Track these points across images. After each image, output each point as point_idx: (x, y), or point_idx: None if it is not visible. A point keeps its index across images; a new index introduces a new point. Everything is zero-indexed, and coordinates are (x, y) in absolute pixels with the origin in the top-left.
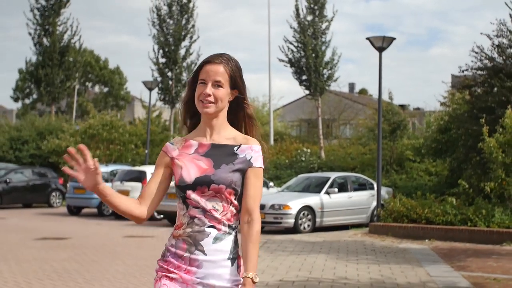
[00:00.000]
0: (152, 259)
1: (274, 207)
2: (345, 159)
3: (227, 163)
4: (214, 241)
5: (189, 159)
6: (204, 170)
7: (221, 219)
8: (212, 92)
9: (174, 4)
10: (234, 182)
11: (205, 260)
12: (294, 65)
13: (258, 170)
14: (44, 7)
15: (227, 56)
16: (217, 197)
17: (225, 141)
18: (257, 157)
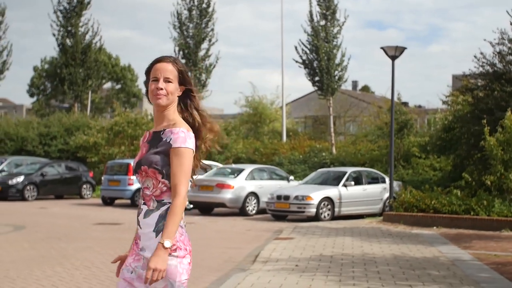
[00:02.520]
0: (200, 240)
1: (298, 198)
2: (355, 155)
3: (153, 147)
4: (144, 216)
5: (142, 146)
6: (141, 155)
7: (150, 195)
8: (164, 87)
9: (194, 8)
10: (154, 162)
11: (142, 232)
12: (307, 66)
13: (177, 149)
14: (67, 9)
15: (173, 57)
16: (148, 177)
17: (161, 128)
18: (176, 138)
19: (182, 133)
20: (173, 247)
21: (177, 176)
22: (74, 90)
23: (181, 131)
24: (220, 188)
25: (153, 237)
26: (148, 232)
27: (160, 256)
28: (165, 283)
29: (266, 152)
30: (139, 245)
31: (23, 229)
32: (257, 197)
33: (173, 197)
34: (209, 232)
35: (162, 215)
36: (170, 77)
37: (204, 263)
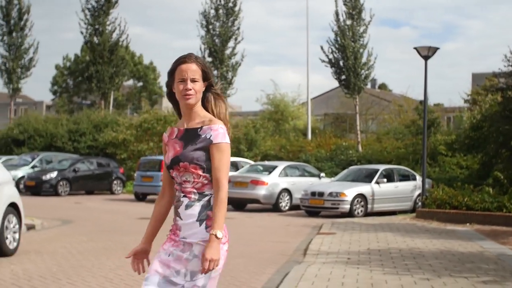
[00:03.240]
0: (247, 234)
1: (332, 195)
2: (381, 152)
3: (191, 144)
4: (186, 208)
5: (171, 143)
6: (177, 151)
7: (191, 189)
8: (192, 87)
9: (220, 7)
10: (195, 158)
11: (183, 223)
12: (334, 65)
13: (219, 145)
14: (94, 7)
15: (195, 55)
16: (188, 172)
17: (195, 125)
18: (217, 134)
19: (222, 129)
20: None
21: (220, 170)
22: (101, 88)
23: (220, 127)
24: (254, 184)
25: (197, 226)
26: (191, 222)
27: (214, 247)
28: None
29: (292, 150)
30: (179, 235)
31: (71, 223)
32: (290, 194)
33: (217, 190)
34: (251, 227)
35: (204, 205)
36: (196, 77)
37: (260, 256)
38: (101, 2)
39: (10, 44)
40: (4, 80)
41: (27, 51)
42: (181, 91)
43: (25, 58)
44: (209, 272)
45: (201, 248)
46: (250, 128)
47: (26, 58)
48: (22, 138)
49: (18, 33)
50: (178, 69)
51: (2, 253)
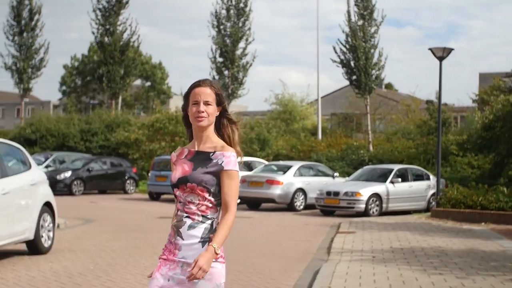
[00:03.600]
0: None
1: (348, 194)
2: (392, 152)
3: (202, 167)
4: (189, 228)
5: (179, 162)
6: (185, 171)
7: (195, 211)
8: (204, 109)
9: (232, 8)
10: (204, 181)
11: (183, 243)
12: (345, 66)
13: (230, 172)
14: (105, 8)
15: (209, 80)
16: (194, 193)
17: (207, 149)
18: (228, 161)
19: (234, 157)
20: (217, 256)
21: (230, 195)
22: (112, 88)
23: (232, 155)
24: (269, 184)
25: (200, 247)
26: (193, 243)
27: (208, 258)
28: (211, 286)
29: (303, 149)
30: (177, 255)
31: (93, 222)
32: (304, 193)
33: (226, 213)
34: (272, 227)
35: (207, 228)
36: (209, 100)
37: (286, 254)
38: (112, 2)
39: (21, 44)
40: (15, 80)
41: (38, 51)
42: (194, 113)
43: (36, 58)
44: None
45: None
46: (262, 128)
47: (37, 58)
48: (34, 137)
49: (29, 34)
50: (192, 92)
51: (38, 251)
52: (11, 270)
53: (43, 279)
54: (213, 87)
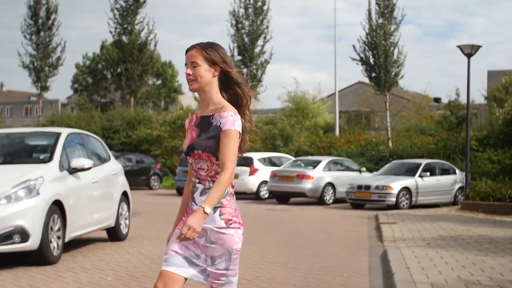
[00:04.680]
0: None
1: (379, 188)
2: (412, 148)
3: (205, 132)
4: (201, 194)
5: (189, 130)
6: (192, 139)
7: (205, 176)
8: (192, 72)
9: (250, 6)
10: (208, 147)
11: (197, 209)
12: (365, 63)
13: (226, 132)
14: (123, 7)
15: (204, 42)
16: (202, 160)
17: (209, 112)
18: (226, 121)
19: (231, 117)
20: (230, 222)
21: (225, 154)
22: (130, 86)
23: (230, 114)
24: (300, 178)
25: (211, 213)
26: None
27: (198, 218)
28: (222, 250)
29: (322, 146)
30: None
31: (141, 215)
32: (333, 187)
33: (221, 171)
34: (313, 218)
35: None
36: (197, 61)
37: (342, 242)
38: (130, 1)
39: (38, 43)
40: (32, 78)
41: (55, 50)
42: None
43: (53, 57)
44: (229, 255)
45: (217, 234)
46: (285, 124)
47: (54, 57)
48: None
49: (46, 33)
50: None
51: (117, 238)
52: (104, 254)
53: (139, 261)
54: (201, 49)
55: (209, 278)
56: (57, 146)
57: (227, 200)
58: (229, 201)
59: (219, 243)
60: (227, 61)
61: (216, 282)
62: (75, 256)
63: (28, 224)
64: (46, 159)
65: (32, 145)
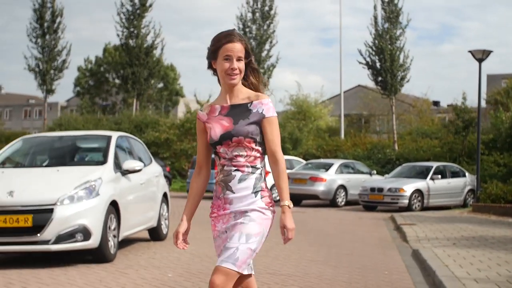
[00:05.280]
0: (335, 225)
1: (391, 190)
2: (417, 151)
3: (243, 119)
4: (239, 181)
5: (215, 120)
6: (226, 127)
7: (244, 163)
8: (237, 66)
9: (257, 11)
10: (250, 132)
11: (235, 197)
12: (371, 67)
13: (271, 118)
14: (129, 11)
15: (238, 34)
16: (240, 146)
17: (241, 101)
18: (268, 108)
19: (271, 103)
20: (270, 204)
21: (275, 143)
22: (137, 89)
23: (270, 101)
24: (313, 181)
25: (253, 197)
26: (246, 195)
27: (290, 217)
28: (259, 230)
29: (329, 149)
30: (228, 209)
31: None
32: (345, 190)
33: (276, 163)
34: (331, 220)
35: (258, 178)
36: (242, 55)
37: (368, 241)
38: (136, 6)
39: (44, 46)
40: (38, 81)
41: (60, 53)
42: (226, 69)
43: (58, 60)
44: (262, 236)
45: (259, 213)
46: (294, 127)
47: (59, 60)
48: None
49: (51, 36)
50: (224, 48)
51: (159, 238)
52: (152, 252)
53: (189, 259)
54: (243, 41)
55: (237, 262)
56: (110, 149)
57: (264, 184)
58: (266, 185)
59: (259, 222)
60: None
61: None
62: (126, 254)
63: (90, 223)
64: (101, 161)
65: (84, 147)
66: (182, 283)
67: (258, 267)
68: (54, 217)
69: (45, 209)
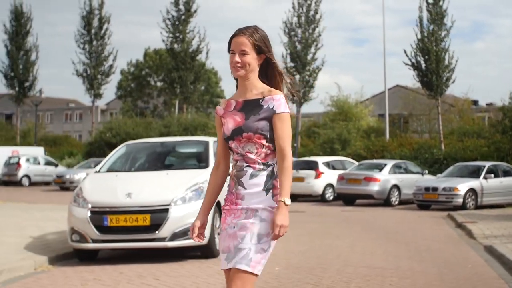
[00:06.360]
0: (400, 224)
1: (446, 189)
2: (464, 151)
3: (254, 114)
4: (251, 177)
5: (229, 115)
6: (238, 122)
7: (255, 159)
8: (241, 59)
9: (302, 15)
10: (260, 128)
11: (246, 193)
12: (416, 68)
13: (281, 115)
14: (174, 17)
15: (252, 28)
16: (251, 142)
17: (254, 96)
18: (279, 104)
19: (283, 99)
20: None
21: (283, 139)
22: (184, 92)
23: (282, 97)
24: (368, 181)
25: (264, 194)
26: (257, 191)
27: (284, 214)
28: (269, 229)
29: (375, 149)
30: (240, 204)
31: None
32: (399, 189)
33: (282, 159)
34: (391, 219)
35: (269, 175)
36: (246, 49)
37: (436, 239)
38: (181, 11)
39: (91, 52)
40: (86, 86)
41: (107, 58)
42: (230, 63)
43: (105, 65)
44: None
45: (269, 213)
46: (343, 128)
47: (106, 65)
48: (115, 141)
49: (98, 42)
50: (231, 42)
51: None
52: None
53: (286, 254)
54: (250, 36)
55: (251, 263)
56: (210, 153)
57: (277, 181)
58: (278, 183)
59: (269, 221)
60: (272, 50)
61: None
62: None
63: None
64: (204, 165)
65: (183, 152)
66: (292, 276)
67: (351, 261)
68: (169, 216)
69: (162, 209)
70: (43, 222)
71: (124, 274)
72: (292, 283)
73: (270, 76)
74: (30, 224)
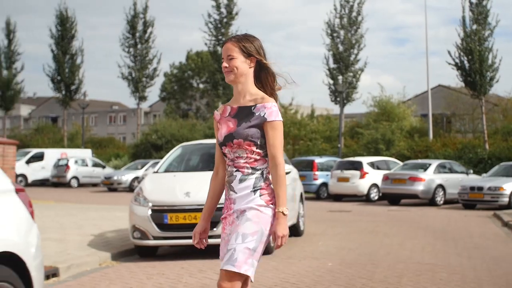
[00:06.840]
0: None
1: (491, 189)
2: (509, 150)
3: (245, 121)
4: (240, 182)
5: (224, 121)
6: (230, 129)
7: (244, 164)
8: (228, 64)
9: (345, 16)
10: (250, 135)
11: (237, 196)
12: (460, 68)
13: (273, 123)
14: (216, 20)
15: (240, 35)
16: (241, 148)
17: (248, 103)
18: (270, 112)
19: (275, 107)
20: (269, 202)
21: (275, 147)
22: (227, 94)
23: (273, 105)
24: (412, 181)
25: (252, 195)
26: (246, 194)
27: (283, 224)
28: (257, 229)
29: (419, 149)
30: (232, 208)
31: None
32: (443, 189)
33: (275, 167)
34: (438, 218)
35: (258, 178)
36: (232, 54)
37: (487, 237)
38: (223, 14)
39: (136, 55)
40: (131, 89)
41: (151, 61)
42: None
43: (149, 68)
44: (261, 235)
45: (256, 212)
46: (387, 129)
47: (150, 68)
48: (160, 143)
49: (143, 45)
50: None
51: (297, 234)
52: (300, 247)
53: (336, 251)
54: (236, 41)
55: (236, 263)
56: None
57: (266, 184)
58: (267, 185)
59: (255, 221)
60: (262, 52)
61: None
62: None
63: None
64: None
65: None
66: (344, 270)
67: (402, 258)
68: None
69: (218, 207)
70: (99, 221)
71: (185, 269)
72: (345, 277)
73: (263, 79)
74: (87, 223)
